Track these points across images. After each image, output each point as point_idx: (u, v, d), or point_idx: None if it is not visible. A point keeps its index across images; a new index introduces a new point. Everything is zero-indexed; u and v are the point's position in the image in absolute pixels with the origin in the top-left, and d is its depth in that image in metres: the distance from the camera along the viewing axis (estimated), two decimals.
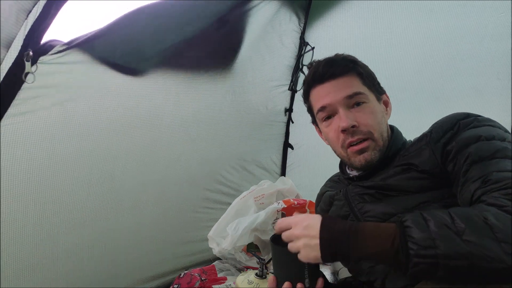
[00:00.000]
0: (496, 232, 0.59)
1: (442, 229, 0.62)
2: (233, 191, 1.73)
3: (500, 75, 1.51)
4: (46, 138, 1.10)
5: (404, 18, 1.60)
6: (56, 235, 1.18)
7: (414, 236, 0.62)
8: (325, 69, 0.94)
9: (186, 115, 1.48)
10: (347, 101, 0.91)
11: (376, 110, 0.93)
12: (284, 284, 0.81)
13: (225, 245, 1.41)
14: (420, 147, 0.85)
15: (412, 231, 0.63)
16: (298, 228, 0.75)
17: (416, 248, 0.62)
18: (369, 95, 0.93)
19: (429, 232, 0.62)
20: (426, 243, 0.61)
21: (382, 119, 0.94)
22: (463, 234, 0.60)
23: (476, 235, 0.60)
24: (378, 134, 0.91)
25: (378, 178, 0.90)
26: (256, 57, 1.64)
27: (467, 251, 0.59)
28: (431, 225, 0.63)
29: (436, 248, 0.60)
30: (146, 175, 1.41)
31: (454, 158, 0.78)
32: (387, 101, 1.00)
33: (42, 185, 1.13)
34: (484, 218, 0.61)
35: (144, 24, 1.18)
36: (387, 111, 0.99)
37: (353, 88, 0.91)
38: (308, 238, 0.72)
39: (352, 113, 0.90)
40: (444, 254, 0.60)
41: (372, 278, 0.87)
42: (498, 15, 1.44)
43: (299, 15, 1.74)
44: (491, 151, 0.73)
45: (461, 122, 0.81)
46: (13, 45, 0.93)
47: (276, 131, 1.93)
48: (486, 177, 0.69)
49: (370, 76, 0.96)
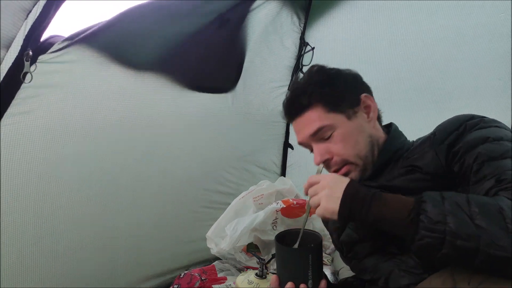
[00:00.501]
0: (508, 222, 0.60)
1: (456, 208, 0.63)
2: (233, 191, 1.73)
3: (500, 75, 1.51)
4: (46, 137, 1.10)
5: (404, 18, 1.60)
6: (56, 234, 1.18)
7: (427, 210, 0.64)
8: (286, 110, 0.97)
9: (187, 115, 1.48)
10: (314, 137, 0.91)
11: (347, 133, 0.90)
12: (287, 284, 0.81)
13: (223, 246, 1.41)
14: (423, 149, 0.85)
15: (427, 205, 0.64)
16: (327, 180, 0.77)
17: (426, 221, 0.63)
18: (335, 121, 0.90)
19: (442, 208, 0.63)
20: (437, 218, 0.62)
21: (359, 136, 0.90)
22: (475, 218, 0.61)
23: (488, 221, 0.61)
24: (354, 157, 0.90)
25: (383, 179, 0.90)
26: (258, 59, 1.65)
27: (476, 234, 0.60)
28: (446, 203, 0.64)
29: (446, 224, 0.62)
30: (145, 174, 1.41)
31: (461, 159, 0.78)
32: (369, 105, 0.94)
33: (42, 184, 1.12)
34: (499, 208, 0.62)
35: (144, 21, 1.18)
36: (369, 117, 0.94)
37: (314, 124, 0.90)
38: (333, 190, 0.74)
39: (325, 145, 0.91)
40: (453, 232, 0.61)
41: (376, 276, 0.88)
42: (498, 15, 1.44)
43: (299, 15, 1.74)
44: (501, 151, 0.73)
45: (467, 124, 0.81)
46: (13, 45, 0.93)
47: (277, 131, 1.93)
48: (500, 176, 0.70)
49: (336, 97, 0.91)
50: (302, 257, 0.81)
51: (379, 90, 1.01)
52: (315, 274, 0.81)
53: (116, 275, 1.39)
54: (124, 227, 1.38)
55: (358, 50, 1.70)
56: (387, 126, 1.01)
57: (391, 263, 0.85)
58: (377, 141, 0.93)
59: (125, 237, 1.39)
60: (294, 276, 0.81)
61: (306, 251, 0.82)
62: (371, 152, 0.91)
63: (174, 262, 1.59)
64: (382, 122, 1.00)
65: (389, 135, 0.95)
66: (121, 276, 1.41)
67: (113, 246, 1.36)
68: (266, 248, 1.48)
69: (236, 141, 1.73)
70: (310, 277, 0.81)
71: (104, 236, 1.32)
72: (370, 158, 0.91)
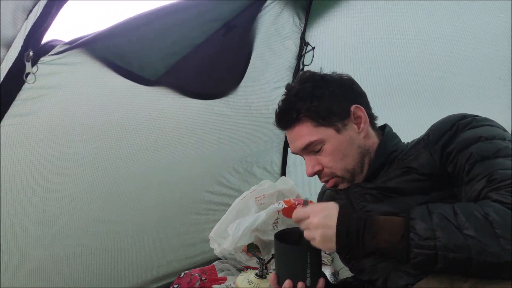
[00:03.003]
0: (496, 227, 0.61)
1: (444, 221, 0.64)
2: (234, 192, 1.73)
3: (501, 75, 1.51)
4: (47, 139, 1.10)
5: (405, 18, 1.60)
6: (57, 237, 1.18)
7: (416, 227, 0.65)
8: (277, 122, 0.98)
9: (189, 118, 1.48)
10: (304, 151, 0.93)
11: (335, 147, 0.90)
12: (285, 282, 0.81)
13: (226, 245, 1.42)
14: (418, 151, 0.85)
15: (416, 222, 0.66)
16: (316, 218, 0.76)
17: (416, 239, 0.64)
18: (324, 136, 0.90)
19: (430, 224, 0.64)
20: (427, 234, 0.63)
21: (348, 149, 0.90)
22: (463, 228, 0.62)
23: (476, 230, 0.62)
24: (341, 171, 0.92)
25: (379, 181, 0.90)
26: (259, 61, 1.65)
27: (466, 244, 0.61)
28: (434, 217, 0.65)
29: (436, 239, 0.63)
30: (148, 177, 1.41)
31: (454, 159, 0.78)
32: (359, 115, 0.93)
33: (43, 186, 1.12)
34: (485, 214, 0.63)
35: (149, 30, 1.17)
36: (360, 128, 0.92)
37: (304, 139, 0.91)
38: (326, 229, 0.74)
39: (315, 158, 0.93)
40: (443, 246, 0.62)
41: (374, 277, 0.88)
42: (498, 15, 1.44)
43: (299, 15, 1.74)
44: (493, 150, 0.73)
45: (459, 124, 0.81)
46: (13, 45, 0.93)
47: (277, 132, 1.90)
48: (491, 176, 0.70)
49: (325, 111, 0.90)
50: (301, 255, 0.82)
51: (379, 90, 1.01)
52: (314, 272, 0.82)
53: (118, 277, 1.39)
54: (127, 229, 1.38)
55: (358, 49, 1.70)
56: (381, 128, 1.01)
57: (389, 264, 0.85)
58: (369, 150, 0.93)
59: (127, 239, 1.39)
60: (292, 274, 0.82)
61: (305, 249, 0.82)
62: (361, 163, 0.92)
63: (177, 264, 1.59)
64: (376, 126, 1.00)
65: (382, 137, 0.95)
66: (124, 279, 1.41)
67: (115, 249, 1.36)
68: (266, 248, 1.48)
69: (237, 142, 1.73)
70: (309, 275, 0.81)
71: (106, 238, 1.32)
72: (359, 169, 0.92)
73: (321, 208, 0.77)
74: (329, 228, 0.74)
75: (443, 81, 1.62)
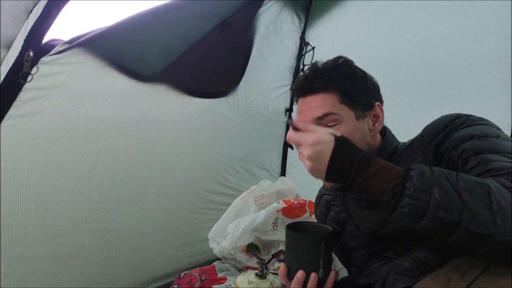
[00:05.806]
0: (493, 201, 0.60)
1: (444, 180, 0.62)
2: (234, 192, 1.74)
3: (501, 75, 1.51)
4: (47, 139, 1.09)
5: (405, 18, 1.60)
6: (57, 237, 1.18)
7: (414, 178, 0.63)
8: (304, 82, 0.92)
9: (189, 117, 1.48)
10: (318, 121, 0.86)
11: (350, 131, 0.86)
12: (298, 273, 0.80)
13: (225, 244, 1.42)
14: (412, 152, 0.86)
15: (416, 173, 0.63)
16: (308, 151, 0.71)
17: (412, 190, 0.62)
18: (345, 114, 0.87)
19: (430, 178, 0.62)
20: (424, 187, 0.62)
21: (359, 140, 0.84)
22: (462, 192, 0.61)
23: (473, 198, 0.60)
24: None
25: None
26: (258, 60, 1.65)
27: (459, 208, 0.60)
28: (434, 174, 0.63)
29: (432, 194, 0.61)
30: (147, 177, 1.41)
31: (447, 156, 0.78)
32: (378, 114, 0.93)
33: (43, 187, 1.12)
34: (487, 187, 0.62)
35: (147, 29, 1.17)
36: (374, 126, 0.92)
37: (325, 108, 0.87)
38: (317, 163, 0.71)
39: None
40: (437, 202, 0.60)
41: (372, 280, 0.88)
42: (498, 15, 1.44)
43: (299, 15, 1.74)
44: (486, 147, 0.73)
45: (453, 123, 0.81)
46: (14, 45, 0.92)
47: (277, 131, 1.93)
48: (487, 167, 0.70)
49: (354, 93, 0.89)
50: (315, 244, 0.80)
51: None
52: (326, 263, 0.80)
53: (118, 277, 1.39)
54: (126, 229, 1.38)
55: (358, 49, 1.70)
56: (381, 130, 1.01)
57: (387, 267, 0.85)
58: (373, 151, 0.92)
59: (127, 238, 1.39)
60: (305, 264, 0.80)
61: (319, 239, 0.81)
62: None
63: (176, 263, 1.59)
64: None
65: (384, 140, 0.95)
66: (124, 278, 1.41)
67: (115, 248, 1.36)
68: (266, 248, 1.49)
69: (236, 141, 1.73)
70: (321, 266, 0.79)
71: (105, 238, 1.32)
72: None
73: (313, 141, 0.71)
74: (321, 163, 0.70)
75: (443, 81, 1.63)
